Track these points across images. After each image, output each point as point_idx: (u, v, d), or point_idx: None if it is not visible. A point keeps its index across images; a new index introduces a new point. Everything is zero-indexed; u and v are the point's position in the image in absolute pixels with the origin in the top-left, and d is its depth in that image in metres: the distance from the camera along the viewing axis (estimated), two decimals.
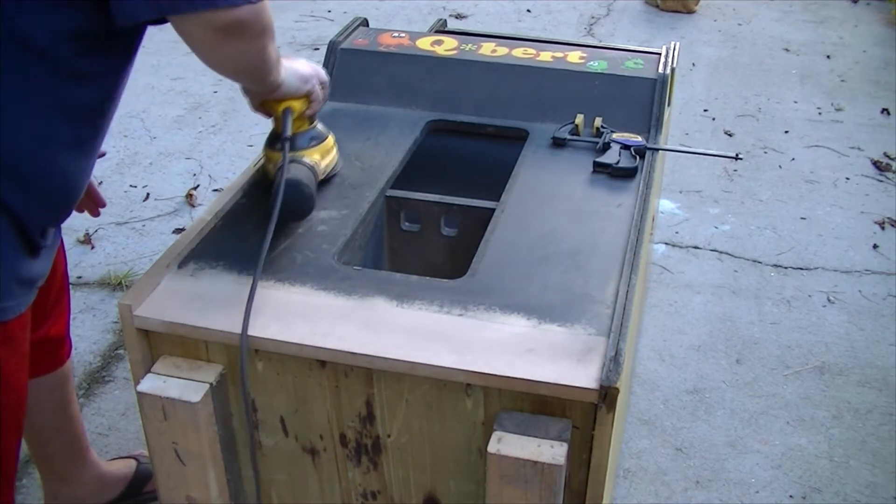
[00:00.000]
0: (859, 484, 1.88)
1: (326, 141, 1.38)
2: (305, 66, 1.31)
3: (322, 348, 1.08)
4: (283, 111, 1.29)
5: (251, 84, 1.25)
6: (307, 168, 1.30)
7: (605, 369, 1.02)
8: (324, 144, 1.37)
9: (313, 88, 1.32)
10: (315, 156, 1.35)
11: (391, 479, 1.18)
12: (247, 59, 1.11)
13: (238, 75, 1.19)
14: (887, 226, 2.80)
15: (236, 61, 1.11)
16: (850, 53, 4.15)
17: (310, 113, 1.34)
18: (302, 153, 1.33)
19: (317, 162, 1.34)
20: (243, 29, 1.04)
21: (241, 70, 1.16)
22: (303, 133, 1.34)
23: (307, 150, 1.34)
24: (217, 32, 1.03)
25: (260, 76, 1.19)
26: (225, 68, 1.13)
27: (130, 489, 1.75)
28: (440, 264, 1.51)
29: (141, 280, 1.17)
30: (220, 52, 1.07)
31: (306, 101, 1.32)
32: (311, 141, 1.36)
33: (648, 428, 2.01)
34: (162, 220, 2.76)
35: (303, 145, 1.34)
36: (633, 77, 1.64)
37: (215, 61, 1.10)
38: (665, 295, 2.45)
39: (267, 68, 1.17)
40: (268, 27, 1.09)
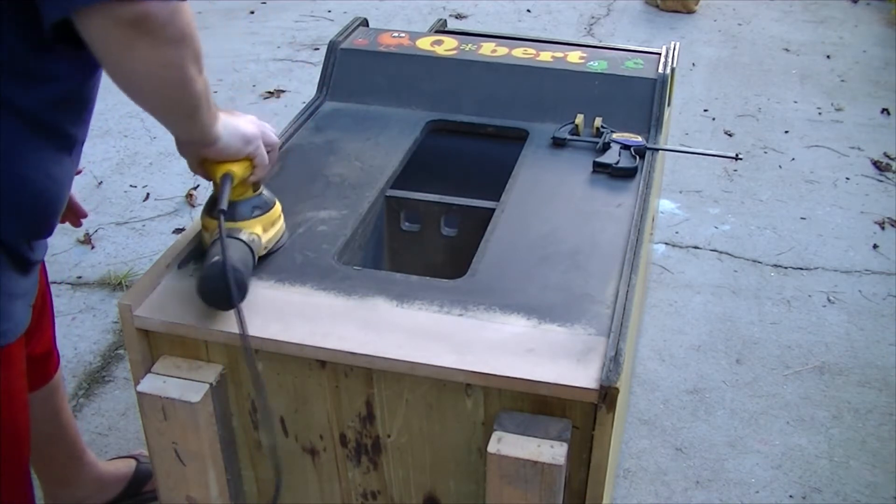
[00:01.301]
0: (859, 484, 1.88)
1: (272, 211, 1.22)
2: (249, 125, 1.16)
3: (322, 348, 1.08)
4: (221, 177, 1.13)
5: (178, 122, 1.08)
6: (244, 245, 1.14)
7: (605, 369, 1.02)
8: (268, 215, 1.21)
9: (257, 151, 1.16)
10: (257, 228, 1.19)
11: (391, 479, 1.18)
12: (162, 72, 0.96)
13: (156, 98, 1.02)
14: (887, 226, 2.80)
15: (150, 72, 0.96)
16: (850, 53, 4.15)
17: (253, 179, 1.18)
18: (241, 224, 1.17)
19: (257, 236, 1.18)
20: (151, 27, 0.92)
21: (158, 89, 1.00)
22: (245, 201, 1.19)
23: (249, 220, 1.19)
24: (123, 29, 0.91)
25: (184, 108, 1.03)
26: (140, 83, 0.98)
27: (130, 489, 1.75)
28: (440, 264, 1.51)
29: (141, 280, 1.17)
30: (131, 55, 0.94)
31: (249, 164, 1.16)
32: (254, 210, 1.20)
33: (648, 428, 2.01)
34: (162, 220, 2.76)
35: (244, 215, 1.18)
36: (633, 77, 1.64)
37: (127, 70, 0.96)
38: (665, 295, 2.45)
39: (191, 97, 1.02)
40: (185, 36, 0.96)
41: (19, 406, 1.21)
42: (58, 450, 1.61)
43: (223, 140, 1.11)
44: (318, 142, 1.55)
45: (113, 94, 1.07)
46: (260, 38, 4.13)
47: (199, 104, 1.03)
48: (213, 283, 1.06)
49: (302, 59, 3.95)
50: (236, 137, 1.13)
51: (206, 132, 1.09)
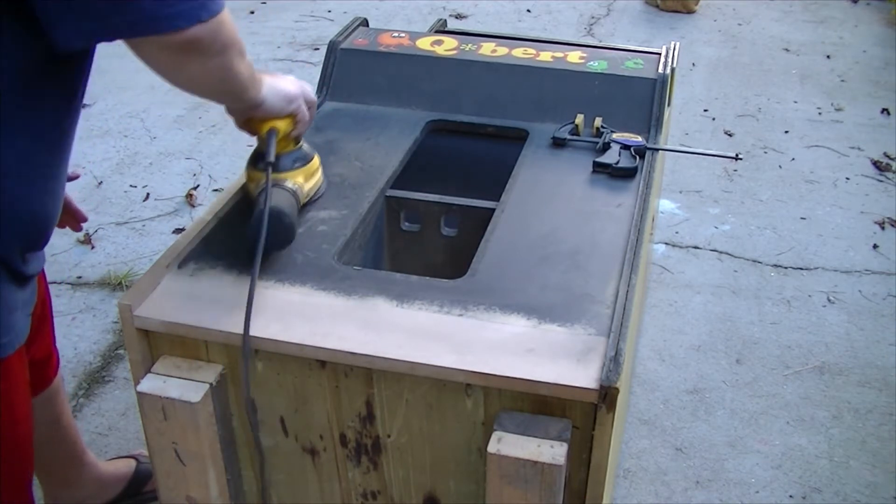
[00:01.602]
0: (859, 484, 1.88)
1: (311, 163, 1.33)
2: (291, 85, 1.25)
3: (322, 348, 1.08)
4: (267, 132, 1.23)
5: (228, 102, 1.19)
6: (289, 194, 1.24)
7: (605, 369, 1.02)
8: (308, 166, 1.32)
9: (298, 108, 1.25)
10: (299, 178, 1.30)
11: (391, 479, 1.18)
12: (213, 77, 1.05)
13: (209, 94, 1.13)
14: (887, 226, 2.80)
15: (202, 81, 1.06)
16: (850, 53, 4.15)
17: (295, 134, 1.28)
18: (285, 175, 1.27)
19: (300, 185, 1.29)
20: (199, 48, 0.98)
21: (210, 89, 1.11)
22: (287, 154, 1.29)
23: (291, 171, 1.29)
24: (172, 54, 0.98)
25: (233, 94, 1.14)
26: (193, 88, 1.08)
27: (130, 488, 1.75)
28: (440, 264, 1.51)
29: (141, 280, 1.17)
30: (182, 73, 1.03)
31: (291, 121, 1.25)
32: (296, 163, 1.30)
33: (648, 428, 2.01)
34: (162, 220, 2.76)
35: (287, 167, 1.28)
36: (633, 77, 1.64)
37: (181, 82, 1.05)
38: (665, 295, 2.45)
39: (239, 85, 1.11)
40: (228, 43, 1.03)
41: (22, 416, 1.21)
42: (58, 452, 1.61)
43: (268, 101, 1.19)
44: (318, 142, 1.55)
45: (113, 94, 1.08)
46: (260, 38, 4.13)
47: (246, 86, 1.12)
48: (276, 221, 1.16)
49: (302, 59, 3.95)
50: (280, 98, 1.21)
51: (253, 102, 1.18)
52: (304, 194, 1.30)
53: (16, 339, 1.13)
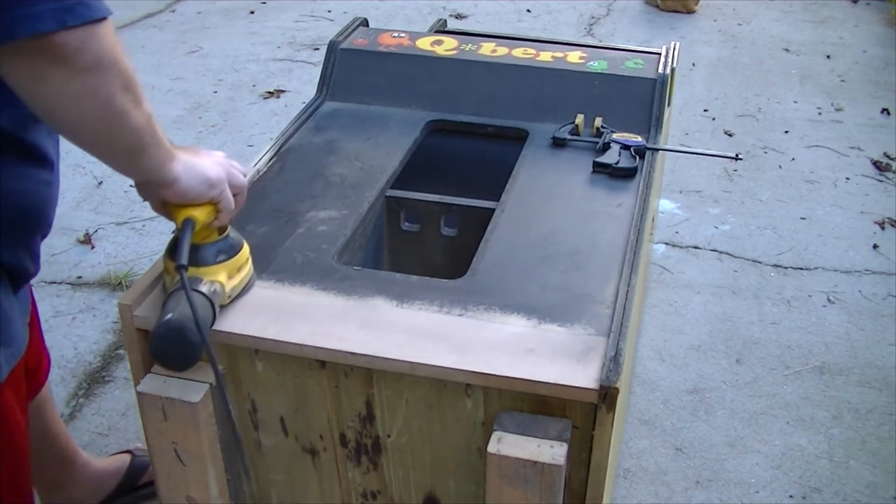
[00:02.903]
0: (859, 484, 1.88)
1: (238, 256, 1.14)
2: (215, 168, 1.06)
3: (322, 348, 1.08)
4: (182, 222, 1.05)
5: (120, 161, 0.98)
6: (203, 299, 1.05)
7: (605, 369, 1.02)
8: (234, 260, 1.13)
9: (222, 195, 1.07)
10: (220, 276, 1.11)
11: (391, 479, 1.18)
12: (84, 105, 0.87)
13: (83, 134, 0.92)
14: (887, 226, 2.80)
15: (66, 105, 0.87)
16: (850, 53, 4.14)
17: (217, 224, 1.10)
18: (205, 271, 1.09)
19: (220, 285, 1.10)
20: (61, 57, 0.83)
21: (84, 124, 0.90)
22: (209, 245, 1.11)
23: (212, 266, 1.10)
24: (30, 62, 0.83)
25: (120, 142, 0.94)
26: (61, 117, 0.89)
27: (125, 483, 1.75)
28: (440, 264, 1.51)
29: (141, 280, 1.17)
30: (44, 89, 0.85)
31: (213, 209, 1.07)
32: (219, 255, 1.11)
33: (648, 428, 2.01)
34: (162, 220, 2.74)
35: (208, 260, 1.10)
36: (633, 77, 1.64)
37: (44, 103, 0.87)
38: (665, 295, 2.45)
39: (127, 133, 0.93)
40: (105, 63, 0.86)
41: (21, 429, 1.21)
42: (50, 457, 1.60)
43: (182, 182, 1.02)
44: (318, 142, 1.55)
45: None
46: (260, 38, 4.13)
47: (140, 140, 0.95)
48: (164, 343, 0.99)
49: (302, 59, 3.94)
50: (198, 180, 1.04)
51: (159, 172, 1.00)
52: (224, 294, 1.11)
53: (18, 352, 1.13)
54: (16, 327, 1.12)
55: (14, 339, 1.11)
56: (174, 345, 0.99)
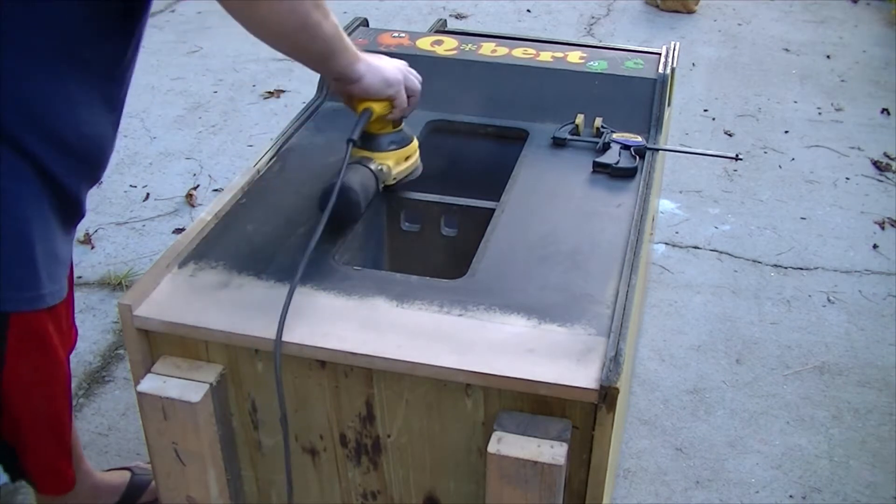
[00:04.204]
0: (859, 484, 1.88)
1: (407, 147, 1.37)
2: (394, 71, 1.28)
3: (322, 348, 1.08)
4: (361, 111, 1.27)
5: (315, 64, 1.21)
6: (370, 173, 1.29)
7: (605, 369, 1.02)
8: (402, 151, 1.36)
9: (397, 93, 1.28)
10: (388, 161, 1.34)
11: (391, 479, 1.18)
12: (286, 16, 1.08)
13: (289, 46, 1.14)
14: (887, 226, 2.80)
15: (274, 19, 1.08)
16: (850, 53, 4.15)
17: (391, 118, 1.31)
18: (377, 155, 1.32)
19: (388, 167, 1.33)
20: None
21: (287, 38, 1.12)
22: (384, 135, 1.33)
23: (383, 153, 1.33)
24: None
25: (316, 53, 1.16)
26: (266, 28, 1.10)
27: (124, 500, 1.73)
28: (440, 264, 1.51)
29: (141, 280, 1.17)
30: (255, 12, 1.07)
31: (389, 105, 1.29)
32: (391, 145, 1.34)
33: (648, 428, 2.01)
34: (162, 220, 2.76)
35: (381, 147, 1.33)
36: (633, 77, 1.64)
37: (254, 18, 1.08)
38: (665, 295, 2.45)
39: (321, 42, 1.14)
40: None
41: (61, 361, 1.30)
42: None
43: (366, 79, 1.23)
44: (318, 142, 1.55)
45: None
46: None
47: (331, 46, 1.15)
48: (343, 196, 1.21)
49: None
50: (378, 79, 1.24)
51: (346, 71, 1.20)
52: (390, 176, 1.34)
53: (61, 291, 1.24)
54: (62, 268, 1.23)
55: (60, 279, 1.23)
56: (340, 202, 1.20)
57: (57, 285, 1.22)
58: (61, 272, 1.24)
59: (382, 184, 1.32)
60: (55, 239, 1.21)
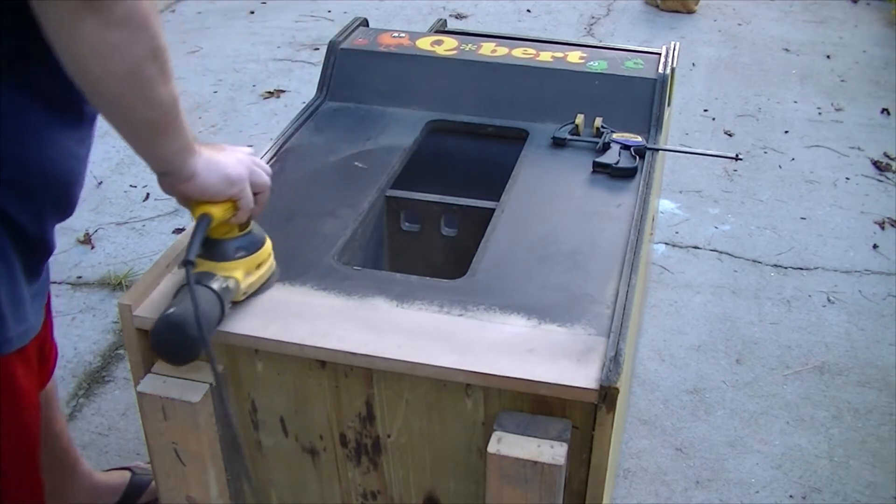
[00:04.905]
0: (859, 484, 1.88)
1: (259, 252, 1.14)
2: (236, 166, 1.07)
3: (322, 348, 1.08)
4: (197, 218, 1.05)
5: (132, 136, 0.98)
6: (211, 294, 1.05)
7: (605, 369, 1.02)
8: (253, 257, 1.13)
9: (241, 193, 1.07)
10: (236, 272, 1.10)
11: (391, 479, 1.18)
12: (110, 54, 0.88)
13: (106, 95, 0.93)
14: (887, 226, 2.80)
15: (95, 53, 0.88)
16: (850, 53, 4.14)
17: (235, 221, 1.10)
18: (222, 266, 1.09)
19: (236, 281, 1.10)
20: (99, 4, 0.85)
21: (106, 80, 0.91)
22: (229, 241, 1.10)
23: (231, 261, 1.10)
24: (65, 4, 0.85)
25: (142, 113, 0.95)
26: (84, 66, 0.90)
27: (124, 500, 1.73)
28: (440, 264, 1.51)
29: (141, 280, 1.17)
30: (74, 31, 0.87)
31: (231, 207, 1.07)
32: (238, 252, 1.11)
33: (648, 428, 2.01)
34: (162, 220, 2.76)
35: (227, 256, 1.10)
36: (633, 77, 1.64)
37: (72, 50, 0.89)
38: (665, 295, 2.45)
39: (149, 101, 0.93)
40: (136, 21, 0.88)
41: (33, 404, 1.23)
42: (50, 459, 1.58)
43: (201, 178, 1.03)
44: (318, 142, 1.56)
45: None
46: (260, 38, 4.13)
47: (161, 117, 0.95)
48: (164, 336, 1.00)
49: (302, 59, 3.95)
50: (218, 177, 1.04)
51: (177, 163, 1.00)
52: (239, 291, 1.11)
53: (32, 330, 1.15)
54: (25, 309, 1.13)
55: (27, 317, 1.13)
56: (173, 339, 0.99)
57: (24, 325, 1.12)
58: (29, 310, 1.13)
59: (229, 304, 1.09)
60: (19, 282, 1.10)
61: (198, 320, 0.98)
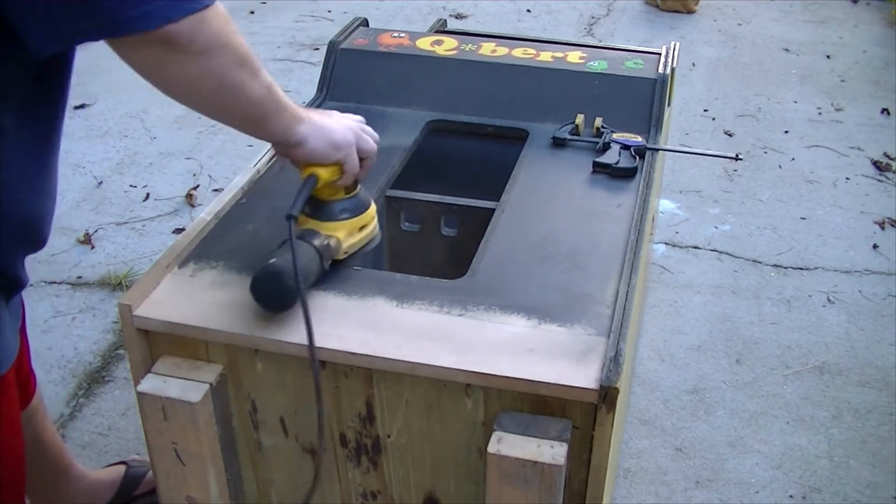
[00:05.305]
0: (859, 484, 1.88)
1: (362, 216, 1.19)
2: (343, 132, 1.12)
3: (322, 348, 1.08)
4: (304, 179, 1.11)
5: (247, 128, 1.06)
6: (312, 250, 1.11)
7: (605, 369, 1.02)
8: (357, 219, 1.18)
9: (347, 157, 1.12)
10: (339, 232, 1.16)
11: (391, 480, 1.18)
12: (202, 84, 0.95)
13: (209, 108, 1.01)
14: (887, 226, 2.80)
15: (188, 86, 0.96)
16: (850, 53, 4.15)
17: (341, 183, 1.15)
18: (325, 226, 1.15)
19: (337, 241, 1.15)
20: (174, 47, 0.91)
21: (205, 99, 0.99)
22: (335, 202, 1.16)
23: (335, 222, 1.16)
24: (146, 52, 0.91)
25: (245, 116, 1.03)
26: (182, 95, 0.98)
27: (120, 494, 1.73)
28: (440, 264, 1.51)
29: (141, 280, 1.17)
30: (163, 74, 0.94)
31: (337, 170, 1.13)
32: (342, 213, 1.16)
33: (648, 428, 2.01)
34: (162, 220, 2.76)
35: (331, 216, 1.16)
36: (633, 77, 1.64)
37: (165, 85, 0.96)
38: (665, 295, 2.45)
39: (247, 104, 1.00)
40: (215, 45, 0.94)
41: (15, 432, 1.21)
42: (42, 468, 1.58)
43: (310, 143, 1.09)
44: None
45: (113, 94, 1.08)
46: (260, 38, 4.13)
47: (262, 109, 1.02)
48: (263, 285, 1.07)
49: (302, 59, 3.95)
50: (325, 142, 1.10)
51: (285, 135, 1.07)
52: (339, 250, 1.16)
53: (10, 357, 1.14)
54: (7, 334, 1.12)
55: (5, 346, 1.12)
56: (271, 288, 1.06)
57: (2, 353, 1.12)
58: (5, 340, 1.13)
59: (329, 261, 1.14)
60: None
61: (296, 272, 1.04)
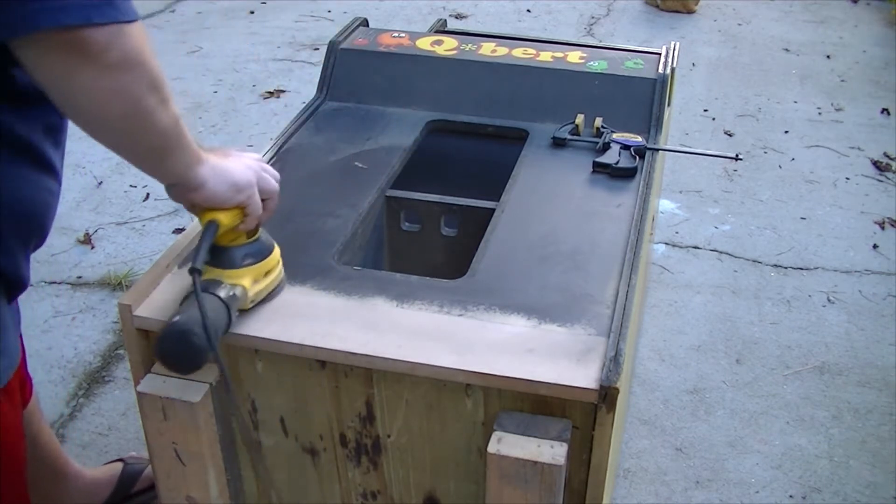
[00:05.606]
0: (859, 484, 1.88)
1: (267, 260, 1.12)
2: (244, 172, 1.05)
3: (322, 348, 1.08)
4: (204, 225, 1.04)
5: (148, 163, 0.98)
6: (218, 302, 1.03)
7: (605, 369, 1.02)
8: (261, 265, 1.11)
9: (249, 200, 1.05)
10: (244, 280, 1.09)
11: (391, 480, 1.18)
12: (109, 100, 0.87)
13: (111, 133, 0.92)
14: (887, 226, 2.80)
15: (94, 102, 0.87)
16: (850, 53, 4.14)
17: (243, 228, 1.08)
18: (229, 274, 1.08)
19: (243, 289, 1.08)
20: (90, 51, 0.83)
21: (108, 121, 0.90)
22: (237, 248, 1.09)
23: (238, 269, 1.09)
24: (58, 55, 0.83)
25: (147, 142, 0.93)
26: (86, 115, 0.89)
27: (118, 491, 1.73)
28: (440, 264, 1.51)
29: (141, 280, 1.17)
30: (70, 83, 0.85)
31: (239, 213, 1.06)
32: (245, 259, 1.09)
33: (648, 428, 2.01)
34: (162, 220, 2.76)
35: (234, 263, 1.09)
36: (633, 77, 1.64)
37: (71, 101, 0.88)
38: (665, 295, 2.45)
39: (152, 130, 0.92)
40: (132, 61, 0.86)
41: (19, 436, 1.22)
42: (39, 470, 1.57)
43: (209, 186, 1.01)
44: (318, 142, 1.56)
45: None
46: (260, 38, 4.13)
47: (166, 141, 0.94)
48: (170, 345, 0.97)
49: (302, 59, 3.95)
50: (226, 184, 1.03)
51: (185, 176, 0.99)
52: (246, 299, 1.09)
53: (14, 362, 1.14)
54: (11, 338, 1.13)
55: (9, 350, 1.12)
56: (179, 348, 0.97)
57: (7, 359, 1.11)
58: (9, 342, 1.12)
59: (236, 312, 1.07)
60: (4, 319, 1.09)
61: (205, 329, 0.96)
